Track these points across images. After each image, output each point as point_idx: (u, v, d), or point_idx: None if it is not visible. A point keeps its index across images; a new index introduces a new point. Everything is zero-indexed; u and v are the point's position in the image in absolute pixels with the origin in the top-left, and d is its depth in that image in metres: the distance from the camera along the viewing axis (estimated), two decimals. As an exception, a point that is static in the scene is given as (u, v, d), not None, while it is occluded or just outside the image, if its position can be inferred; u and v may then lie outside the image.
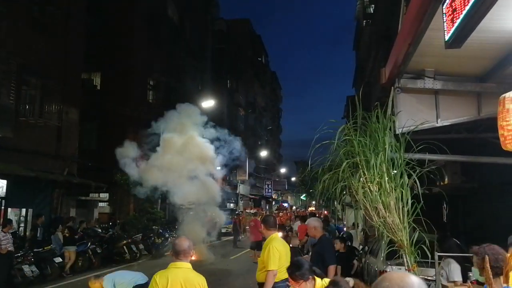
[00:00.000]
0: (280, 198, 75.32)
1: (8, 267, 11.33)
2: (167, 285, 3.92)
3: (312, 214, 15.31)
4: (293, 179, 74.51)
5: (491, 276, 2.93)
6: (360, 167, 5.62)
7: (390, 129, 5.78)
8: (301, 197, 78.04)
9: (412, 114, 6.14)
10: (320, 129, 5.81)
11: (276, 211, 47.80)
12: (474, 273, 3.64)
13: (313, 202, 67.22)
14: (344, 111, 43.41)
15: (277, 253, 5.53)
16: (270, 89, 71.84)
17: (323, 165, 6.15)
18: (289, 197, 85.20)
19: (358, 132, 5.73)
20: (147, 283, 4.53)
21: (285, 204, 72.11)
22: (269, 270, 5.41)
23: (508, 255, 3.05)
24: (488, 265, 2.98)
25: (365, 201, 5.52)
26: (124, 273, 7.01)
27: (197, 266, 4.29)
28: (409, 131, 5.77)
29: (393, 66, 6.05)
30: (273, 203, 66.94)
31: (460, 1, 3.59)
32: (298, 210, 61.81)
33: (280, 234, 7.70)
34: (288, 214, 43.33)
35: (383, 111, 5.78)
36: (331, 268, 6.30)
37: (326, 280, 3.83)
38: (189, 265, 4.12)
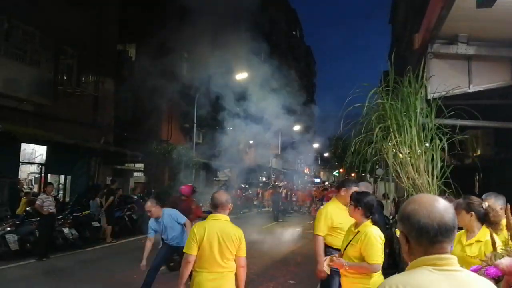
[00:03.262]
0: (313, 173, 75.11)
1: (50, 229, 11.78)
2: (204, 234, 4.07)
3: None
4: (326, 154, 73.96)
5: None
6: (391, 130, 5.69)
7: (421, 94, 5.80)
8: (334, 173, 77.64)
9: (444, 79, 6.13)
10: (353, 92, 5.88)
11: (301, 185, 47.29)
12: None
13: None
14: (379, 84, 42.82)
15: None
16: (304, 63, 71.04)
17: (355, 129, 6.23)
18: (321, 172, 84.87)
19: (390, 96, 5.78)
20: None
21: (317, 180, 71.86)
22: None
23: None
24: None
25: (395, 163, 5.60)
26: (179, 213, 7.46)
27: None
28: (441, 96, 5.79)
29: (425, 31, 6.04)
30: (305, 177, 66.86)
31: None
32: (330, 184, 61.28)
33: None
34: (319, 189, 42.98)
35: (415, 76, 5.80)
36: None
37: (374, 231, 3.96)
38: (227, 218, 4.25)
